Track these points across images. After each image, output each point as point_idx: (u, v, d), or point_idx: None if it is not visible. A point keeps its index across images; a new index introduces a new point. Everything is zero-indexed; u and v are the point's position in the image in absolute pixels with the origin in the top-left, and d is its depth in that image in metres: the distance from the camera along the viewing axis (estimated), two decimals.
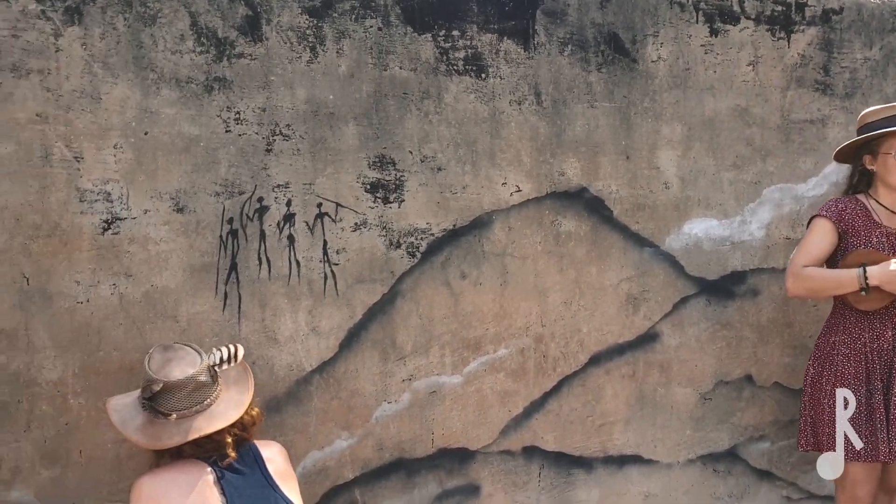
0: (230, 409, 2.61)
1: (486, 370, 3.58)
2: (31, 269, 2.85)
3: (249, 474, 2.58)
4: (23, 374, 2.85)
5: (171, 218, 3.06)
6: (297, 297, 3.26)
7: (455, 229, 3.50)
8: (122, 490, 3.00)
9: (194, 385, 2.58)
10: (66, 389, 2.92)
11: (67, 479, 2.93)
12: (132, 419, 2.60)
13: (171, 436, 2.55)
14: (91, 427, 2.96)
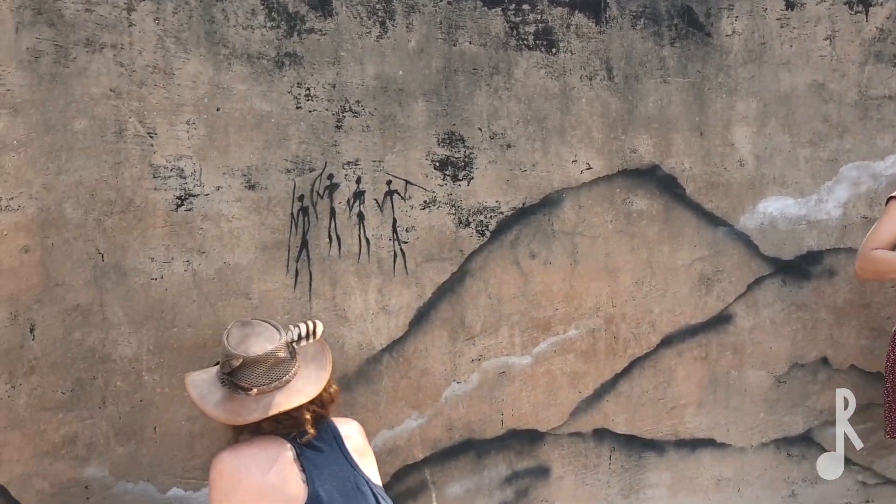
0: (309, 385, 2.62)
1: (555, 351, 3.56)
2: (105, 245, 2.89)
3: (328, 451, 2.59)
4: (98, 350, 2.89)
5: (243, 195, 3.08)
6: (366, 276, 3.27)
7: (524, 207, 3.48)
8: (195, 467, 3.03)
9: (273, 361, 2.59)
10: (141, 366, 2.95)
11: (141, 456, 2.96)
12: (211, 394, 2.62)
13: (250, 411, 2.57)
14: (165, 403, 2.99)
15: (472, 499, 3.47)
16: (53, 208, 2.82)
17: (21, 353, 2.78)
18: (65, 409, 2.85)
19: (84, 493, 2.89)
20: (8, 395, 2.77)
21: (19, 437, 2.79)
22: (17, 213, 2.76)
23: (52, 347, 2.83)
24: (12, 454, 2.78)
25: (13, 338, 2.77)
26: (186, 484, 3.03)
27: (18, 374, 2.78)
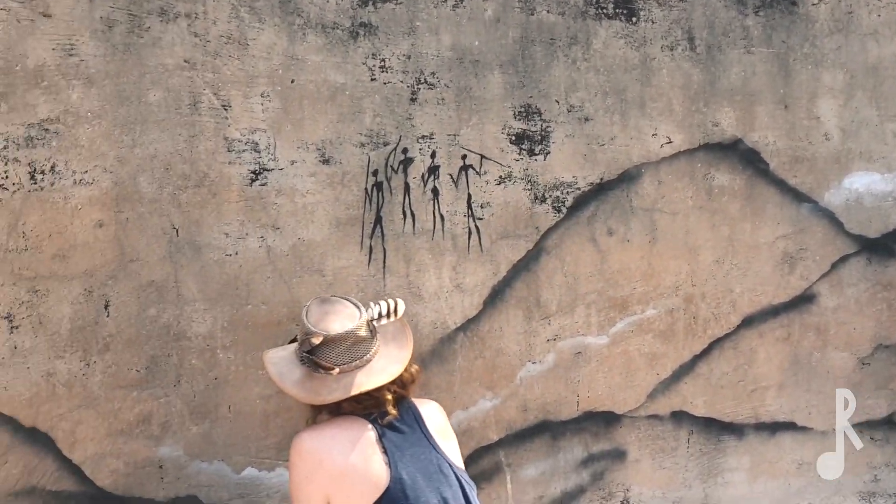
0: (390, 364, 2.57)
1: (633, 331, 3.48)
2: (180, 219, 2.85)
3: (410, 433, 2.54)
4: (172, 327, 2.86)
5: (317, 169, 3.03)
6: (441, 253, 3.21)
7: (602, 183, 3.40)
8: (269, 447, 3.00)
9: (354, 339, 2.54)
10: (215, 343, 2.92)
11: (216, 435, 2.93)
12: (290, 373, 2.57)
13: (330, 391, 2.52)
14: (239, 382, 2.95)
15: (546, 482, 3.41)
16: (128, 182, 2.79)
17: (95, 330, 2.76)
18: (139, 387, 2.82)
19: (158, 473, 2.86)
20: (82, 373, 2.75)
21: (93, 416, 2.76)
22: (91, 187, 2.73)
23: (127, 324, 2.80)
24: (86, 433, 2.76)
25: (88, 314, 2.74)
26: (261, 464, 2.99)
27: (93, 352, 2.76)
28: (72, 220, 2.71)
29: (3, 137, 2.62)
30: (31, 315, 2.67)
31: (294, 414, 3.02)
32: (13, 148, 2.63)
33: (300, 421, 2.97)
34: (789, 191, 3.61)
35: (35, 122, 2.66)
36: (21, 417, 2.67)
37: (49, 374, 2.70)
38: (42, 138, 2.67)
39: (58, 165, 2.69)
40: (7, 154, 2.62)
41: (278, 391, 2.98)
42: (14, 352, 2.65)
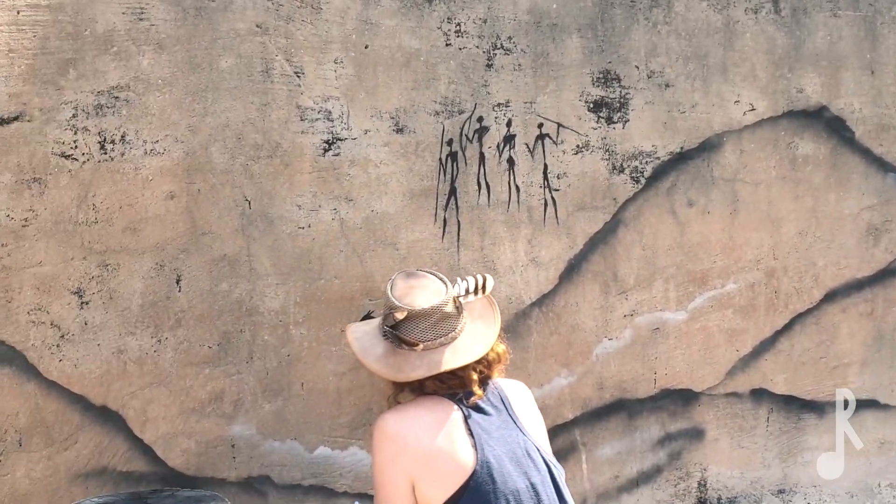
0: (476, 343, 2.48)
1: (712, 306, 3.39)
2: (252, 191, 2.77)
3: (496, 414, 2.45)
4: (245, 302, 2.79)
5: (391, 139, 2.94)
6: (516, 225, 3.12)
7: (682, 152, 3.29)
8: (342, 425, 2.94)
9: (440, 315, 2.45)
10: (288, 319, 2.85)
11: (288, 413, 2.87)
12: (373, 347, 2.50)
13: (413, 368, 2.44)
14: (312, 358, 2.89)
15: (622, 461, 3.33)
16: (199, 152, 2.71)
17: (167, 305, 2.69)
18: (211, 363, 2.76)
19: (230, 453, 2.81)
20: (154, 350, 2.69)
21: (165, 394, 2.71)
22: (162, 157, 2.66)
23: (199, 299, 2.73)
24: (158, 412, 2.70)
25: (159, 289, 2.68)
26: (334, 443, 2.93)
27: (164, 328, 2.70)
28: (143, 192, 2.65)
29: (72, 106, 2.54)
30: (102, 290, 2.61)
31: (367, 391, 2.96)
32: (83, 116, 2.56)
33: (375, 398, 2.91)
34: (875, 160, 3.50)
35: (105, 90, 2.59)
36: (91, 396, 2.62)
37: (120, 350, 2.65)
38: (112, 106, 2.59)
39: (128, 135, 2.62)
40: (76, 123, 2.55)
41: (351, 368, 2.92)
42: (84, 328, 2.60)
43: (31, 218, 2.51)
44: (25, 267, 2.51)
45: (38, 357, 2.54)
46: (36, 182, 2.51)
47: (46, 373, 2.56)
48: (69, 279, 2.57)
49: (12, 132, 2.48)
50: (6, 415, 2.51)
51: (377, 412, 2.92)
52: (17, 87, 2.47)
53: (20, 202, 2.50)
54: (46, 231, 2.53)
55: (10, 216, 2.48)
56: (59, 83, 2.53)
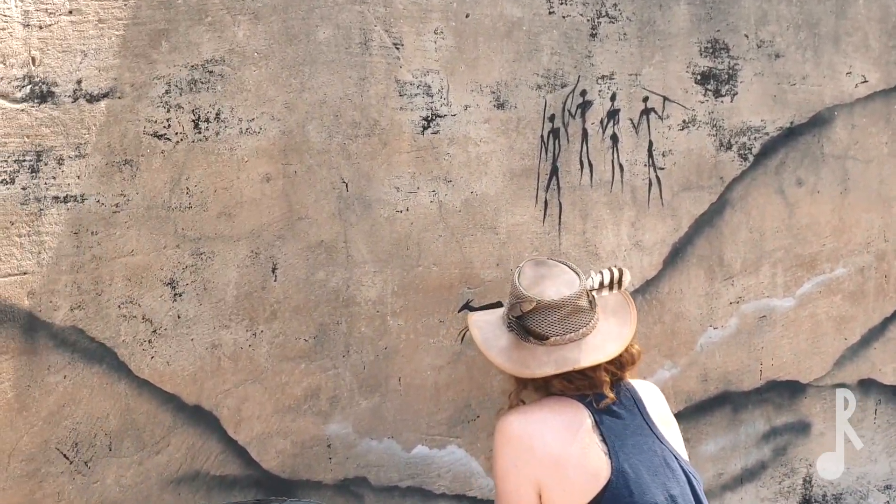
0: (609, 342, 2.35)
1: (820, 292, 3.27)
2: (349, 172, 2.64)
3: (629, 419, 2.32)
4: (342, 291, 2.67)
5: (492, 115, 2.81)
6: (619, 207, 2.99)
7: (792, 127, 3.16)
8: (440, 422, 2.82)
9: (571, 308, 2.33)
10: (385, 309, 2.73)
11: (385, 410, 2.75)
12: (496, 339, 2.38)
13: (540, 364, 2.32)
14: (410, 351, 2.77)
15: (726, 458, 3.22)
16: (296, 131, 2.58)
17: (262, 296, 2.57)
18: (307, 358, 2.64)
19: (326, 453, 2.69)
20: (248, 344, 2.56)
21: (260, 391, 2.59)
22: (258, 137, 2.52)
23: (295, 289, 2.61)
24: (253, 410, 2.58)
25: (254, 278, 2.55)
26: (432, 441, 2.82)
27: (259, 320, 2.57)
28: (238, 174, 2.51)
29: (164, 81, 2.41)
30: (196, 280, 2.49)
31: (465, 386, 2.84)
32: (175, 93, 2.42)
33: (474, 394, 2.79)
34: None
35: (199, 64, 2.45)
36: (184, 395, 2.50)
37: (214, 345, 2.52)
38: (206, 82, 2.46)
39: (223, 112, 2.48)
40: (169, 99, 2.41)
41: (450, 361, 2.80)
42: (177, 322, 2.47)
43: (123, 203, 2.38)
44: (116, 256, 2.38)
45: (129, 354, 2.42)
46: (127, 164, 2.38)
47: (138, 371, 2.44)
48: (162, 269, 2.44)
49: (102, 110, 2.34)
50: (96, 417, 2.39)
51: (475, 408, 2.82)
52: (108, 61, 2.34)
53: (111, 186, 2.37)
54: (138, 217, 2.40)
55: (100, 201, 2.35)
56: (152, 56, 2.39)
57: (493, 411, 2.88)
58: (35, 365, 2.30)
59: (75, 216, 2.32)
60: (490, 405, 2.88)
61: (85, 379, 2.36)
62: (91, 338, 2.37)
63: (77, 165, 2.32)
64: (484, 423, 2.88)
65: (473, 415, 2.87)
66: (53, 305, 2.31)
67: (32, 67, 2.25)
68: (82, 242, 2.34)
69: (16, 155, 2.24)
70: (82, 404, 2.37)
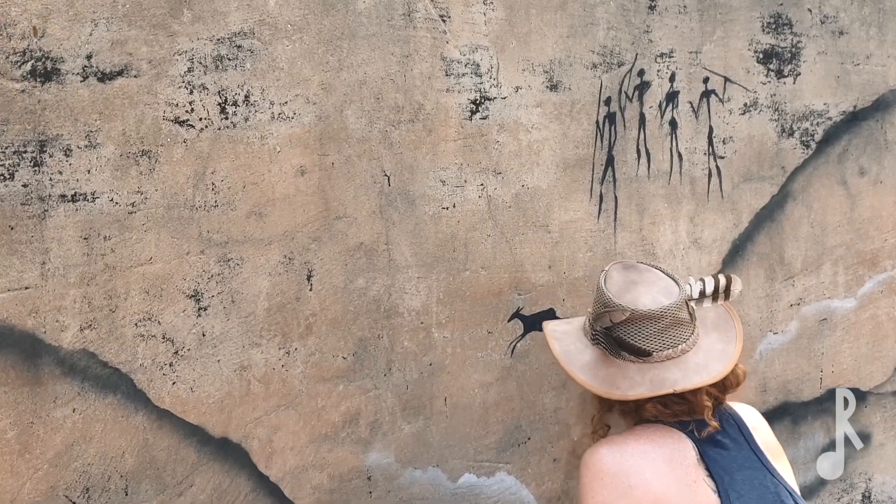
0: (713, 361, 2.08)
1: (882, 291, 3.06)
2: (391, 164, 2.34)
3: (735, 449, 2.05)
4: (383, 301, 2.36)
5: (544, 98, 2.53)
6: (678, 201, 2.74)
7: (855, 112, 2.93)
8: (488, 447, 2.54)
9: (670, 321, 2.06)
10: (430, 320, 2.43)
11: (430, 435, 2.46)
12: (578, 353, 2.10)
13: (633, 384, 2.04)
14: (457, 367, 2.48)
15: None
16: (333, 116, 2.26)
17: (297, 309, 2.25)
18: (346, 378, 2.33)
19: (366, 487, 2.39)
20: (281, 364, 2.25)
21: (294, 419, 2.28)
22: (291, 124, 2.21)
23: (332, 300, 2.30)
24: (286, 441, 2.27)
25: (288, 288, 2.24)
26: (479, 468, 2.53)
27: (293, 336, 2.26)
28: (269, 167, 2.19)
29: (187, 57, 2.07)
30: (223, 292, 2.16)
31: (516, 405, 2.56)
32: (199, 71, 2.09)
33: (524, 413, 2.51)
34: None
35: (225, 37, 2.12)
36: (210, 426, 2.18)
37: (242, 367, 2.20)
38: (234, 58, 2.13)
39: (252, 94, 2.16)
40: (192, 79, 2.08)
41: (498, 378, 2.52)
42: (202, 340, 2.14)
43: (140, 202, 2.05)
44: (133, 265, 2.05)
45: (147, 380, 2.09)
46: (144, 156, 2.05)
47: (158, 400, 2.11)
48: (184, 279, 2.11)
49: (116, 91, 2.00)
50: (110, 457, 2.06)
51: (526, 429, 2.54)
52: (122, 33, 2.00)
53: (126, 182, 2.03)
54: (158, 219, 2.07)
55: (113, 200, 2.02)
56: (172, 27, 2.06)
57: (545, 432, 2.61)
58: (39, 397, 1.96)
59: (85, 218, 1.98)
60: (542, 426, 2.61)
61: (97, 412, 2.03)
62: (104, 362, 2.04)
63: (87, 157, 1.98)
64: (535, 445, 2.61)
65: (524, 437, 2.60)
66: (60, 325, 1.97)
67: (34, 39, 1.90)
68: (93, 249, 2.00)
69: (15, 145, 1.90)
70: (94, 442, 2.03)
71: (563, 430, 2.65)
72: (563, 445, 2.66)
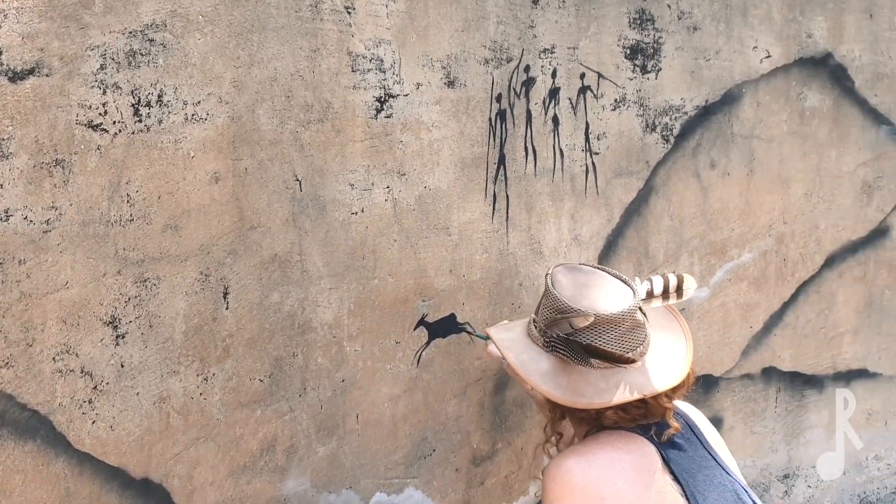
0: (671, 362, 2.12)
1: (730, 279, 3.24)
2: (303, 168, 2.23)
3: (690, 450, 2.09)
4: (297, 315, 2.25)
5: (443, 95, 2.49)
6: (560, 198, 2.78)
7: (707, 106, 3.09)
8: (397, 462, 2.48)
9: (630, 324, 2.08)
10: (342, 333, 2.34)
11: (343, 455, 2.37)
12: (533, 363, 2.07)
13: (598, 391, 2.04)
14: (367, 381, 2.40)
15: None
16: (246, 117, 2.12)
17: (214, 330, 2.10)
18: (262, 402, 2.20)
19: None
20: (199, 392, 2.09)
21: (213, 450, 2.12)
22: (205, 125, 2.05)
23: (248, 318, 2.16)
24: (205, 475, 2.11)
25: (204, 308, 2.08)
26: (389, 486, 2.47)
27: (211, 360, 2.10)
28: (184, 175, 2.03)
29: (99, 52, 1.88)
30: (140, 316, 1.98)
31: (422, 417, 2.52)
32: (112, 68, 1.90)
33: (430, 425, 2.48)
34: (870, 111, 3.49)
35: (138, 29, 1.93)
36: (130, 466, 1.99)
37: (161, 398, 2.03)
38: (147, 53, 1.95)
39: (166, 93, 1.99)
40: (105, 77, 1.89)
41: (406, 390, 2.47)
42: (120, 372, 1.95)
43: (54, 219, 1.83)
44: (49, 291, 1.83)
45: (66, 421, 1.88)
46: (58, 166, 1.83)
47: (78, 442, 1.90)
48: (101, 304, 1.92)
49: (28, 92, 1.78)
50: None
51: (431, 440, 2.51)
52: (33, 25, 1.78)
53: (40, 196, 1.81)
54: (73, 237, 1.86)
55: (27, 218, 1.79)
56: (84, 19, 1.85)
57: (448, 442, 2.58)
58: None
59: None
60: (445, 435, 2.58)
61: (17, 462, 1.80)
62: (22, 405, 1.81)
63: (0, 170, 1.74)
64: (440, 457, 2.57)
65: (430, 448, 2.55)
66: None
67: None
68: (8, 276, 1.77)
69: None
70: (14, 497, 1.80)
71: (464, 439, 2.62)
72: (464, 454, 2.63)
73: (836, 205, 3.45)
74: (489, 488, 2.70)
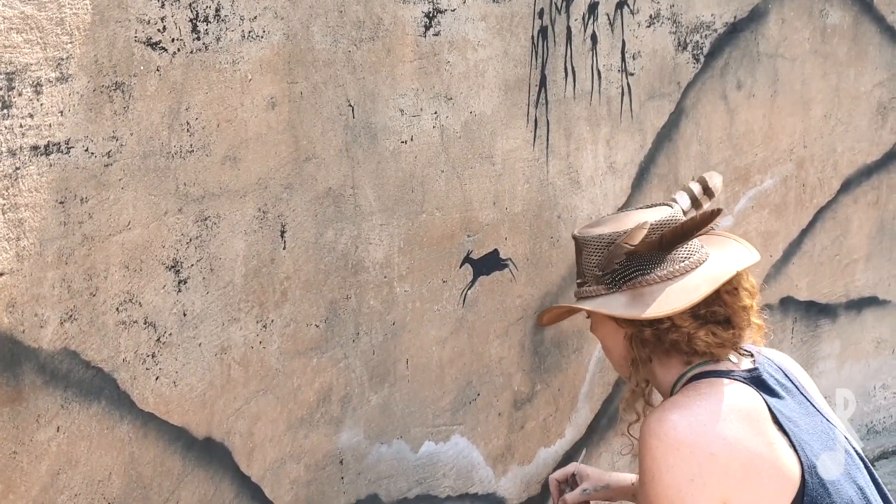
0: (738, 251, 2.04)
1: (752, 207, 3.20)
2: (355, 92, 2.09)
3: (789, 398, 1.98)
4: (350, 255, 2.12)
5: (488, 10, 2.36)
6: (597, 123, 2.69)
7: (735, 23, 3.02)
8: (444, 409, 2.39)
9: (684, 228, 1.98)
10: (392, 273, 2.22)
11: (394, 404, 2.27)
12: (610, 300, 1.97)
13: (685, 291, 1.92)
14: (416, 324, 2.30)
15: None
16: (301, 34, 1.97)
17: (272, 272, 1.97)
18: (319, 349, 2.08)
19: (338, 472, 2.16)
20: (259, 341, 1.96)
21: (272, 404, 2.00)
22: (261, 44, 1.89)
23: (305, 258, 2.03)
24: (265, 432, 1.99)
25: (263, 248, 1.94)
26: (437, 434, 2.38)
27: (269, 306, 1.97)
28: (242, 100, 1.87)
29: None
30: (202, 259, 1.83)
31: (467, 360, 2.43)
32: None
33: (475, 368, 2.39)
34: (887, 29, 3.46)
35: None
36: (193, 426, 1.86)
37: (223, 349, 1.89)
38: None
39: (223, 7, 1.82)
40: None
41: (452, 332, 2.38)
42: (183, 321, 1.81)
43: (115, 151, 1.67)
44: (111, 233, 1.68)
45: (130, 379, 1.73)
46: (118, 89, 1.66)
47: (142, 402, 1.76)
48: (163, 246, 1.77)
49: (86, 3, 1.60)
50: (96, 481, 1.69)
51: (476, 385, 2.43)
52: None
53: (100, 125, 1.64)
54: (134, 171, 1.70)
55: (89, 150, 1.63)
56: None
57: (491, 385, 2.50)
58: (21, 418, 1.57)
59: (60, 175, 1.59)
60: (488, 378, 2.49)
61: (82, 427, 1.66)
62: (86, 362, 1.66)
63: (59, 94, 1.57)
64: (484, 402, 2.49)
65: (474, 393, 2.47)
66: (39, 320, 1.57)
67: None
68: (70, 216, 1.61)
69: None
70: (80, 466, 1.66)
71: (505, 381, 2.54)
72: (506, 398, 2.55)
73: (852, 127, 3.42)
74: (529, 432, 2.63)
